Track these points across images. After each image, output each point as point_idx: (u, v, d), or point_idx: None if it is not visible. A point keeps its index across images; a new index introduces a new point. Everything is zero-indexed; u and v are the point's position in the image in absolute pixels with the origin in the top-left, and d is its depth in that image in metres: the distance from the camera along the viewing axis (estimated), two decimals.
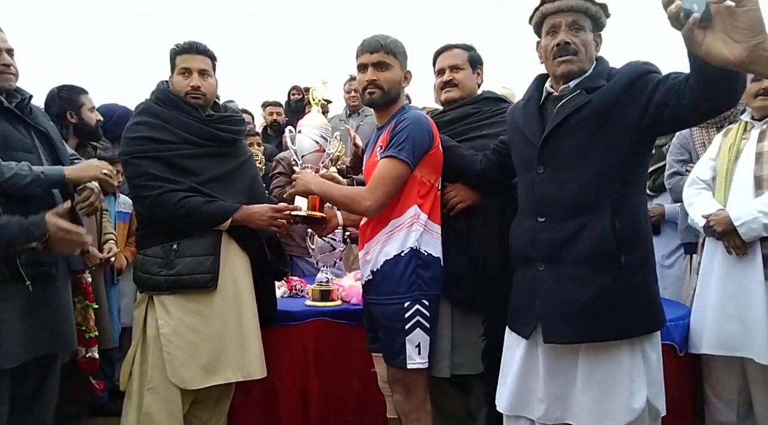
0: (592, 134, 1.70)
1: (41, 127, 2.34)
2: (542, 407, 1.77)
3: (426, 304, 2.03)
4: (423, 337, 2.02)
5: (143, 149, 2.21)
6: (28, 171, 2.11)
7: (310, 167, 2.26)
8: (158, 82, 2.37)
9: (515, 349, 1.87)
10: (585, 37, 1.75)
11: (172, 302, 2.20)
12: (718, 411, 2.54)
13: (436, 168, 2.11)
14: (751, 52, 0.95)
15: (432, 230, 2.08)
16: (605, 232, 1.68)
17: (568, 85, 1.77)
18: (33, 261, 2.13)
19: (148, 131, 2.22)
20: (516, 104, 2.01)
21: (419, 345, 2.01)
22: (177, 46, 2.32)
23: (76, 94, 2.86)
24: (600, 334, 1.69)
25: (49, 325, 2.21)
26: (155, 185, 2.17)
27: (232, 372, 2.24)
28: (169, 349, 2.18)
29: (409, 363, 2.01)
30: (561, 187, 1.74)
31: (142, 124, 2.25)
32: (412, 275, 2.03)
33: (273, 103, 5.68)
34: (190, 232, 2.20)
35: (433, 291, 2.06)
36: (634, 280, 1.70)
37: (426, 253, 2.05)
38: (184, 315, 2.20)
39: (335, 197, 2.08)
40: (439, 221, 2.12)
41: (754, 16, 0.94)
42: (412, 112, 2.11)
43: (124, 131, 2.30)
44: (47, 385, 2.36)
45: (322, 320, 2.57)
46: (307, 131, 2.26)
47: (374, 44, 2.10)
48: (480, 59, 2.41)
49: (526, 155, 1.84)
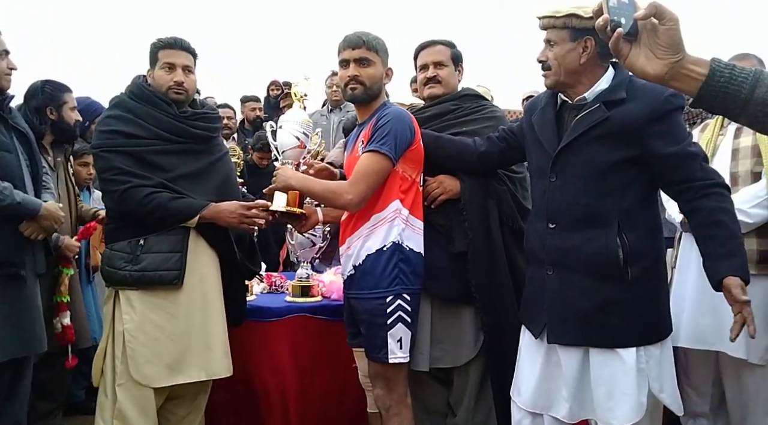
0: (606, 150, 1.72)
1: (20, 127, 2.33)
2: (567, 405, 1.81)
3: (408, 299, 2.04)
4: (404, 332, 2.04)
5: (113, 143, 2.19)
6: (7, 196, 2.13)
7: (290, 163, 2.24)
8: (134, 77, 2.35)
9: (535, 347, 1.90)
10: (558, 50, 1.77)
11: (137, 298, 2.18)
12: (693, 402, 2.58)
13: (417, 163, 2.12)
14: (670, 68, 1.00)
15: (414, 225, 2.10)
16: (612, 246, 1.71)
17: (585, 97, 1.79)
18: (3, 262, 2.10)
19: (118, 125, 2.20)
20: (534, 102, 2.00)
21: (401, 340, 2.03)
22: (161, 41, 2.29)
23: (59, 91, 2.79)
24: (600, 342, 1.75)
25: (20, 327, 2.20)
26: (123, 179, 2.15)
27: (196, 371, 2.23)
28: (132, 345, 2.16)
29: (391, 358, 2.03)
30: (572, 198, 1.78)
31: (114, 118, 2.23)
32: (395, 270, 2.04)
33: (252, 98, 5.63)
34: (158, 228, 2.18)
35: (414, 286, 2.08)
36: (640, 293, 1.73)
37: (408, 248, 2.06)
38: (149, 311, 2.19)
39: (317, 191, 2.08)
40: (421, 217, 2.13)
41: (673, 35, 0.99)
42: (393, 107, 2.12)
43: (96, 124, 2.29)
44: (20, 385, 2.36)
45: (302, 316, 2.56)
46: (289, 127, 2.24)
47: (356, 40, 2.10)
48: (461, 56, 2.43)
49: (540, 162, 1.88)
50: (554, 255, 1.82)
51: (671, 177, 1.72)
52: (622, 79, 1.76)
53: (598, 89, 1.77)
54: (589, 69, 1.78)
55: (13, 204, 2.15)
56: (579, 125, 1.76)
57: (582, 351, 1.79)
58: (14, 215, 2.20)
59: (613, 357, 1.74)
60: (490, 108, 2.39)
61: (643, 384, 1.73)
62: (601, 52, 1.75)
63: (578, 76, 1.78)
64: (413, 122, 2.09)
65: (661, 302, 1.81)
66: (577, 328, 1.77)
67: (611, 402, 1.73)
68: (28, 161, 2.36)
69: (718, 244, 1.64)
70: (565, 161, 1.79)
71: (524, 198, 2.26)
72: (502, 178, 2.25)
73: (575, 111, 1.81)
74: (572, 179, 1.78)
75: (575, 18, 1.74)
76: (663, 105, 1.68)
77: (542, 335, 1.86)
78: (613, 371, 1.73)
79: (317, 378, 2.58)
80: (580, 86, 1.80)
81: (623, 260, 1.70)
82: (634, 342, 1.73)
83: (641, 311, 1.74)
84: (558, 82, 1.81)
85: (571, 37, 1.76)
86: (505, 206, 2.21)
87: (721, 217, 1.65)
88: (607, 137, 1.72)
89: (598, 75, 1.79)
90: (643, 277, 1.73)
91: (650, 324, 1.76)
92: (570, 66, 1.77)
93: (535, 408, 1.90)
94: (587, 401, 1.80)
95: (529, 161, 2.01)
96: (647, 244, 1.76)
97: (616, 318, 1.73)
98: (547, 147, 1.84)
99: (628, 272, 1.71)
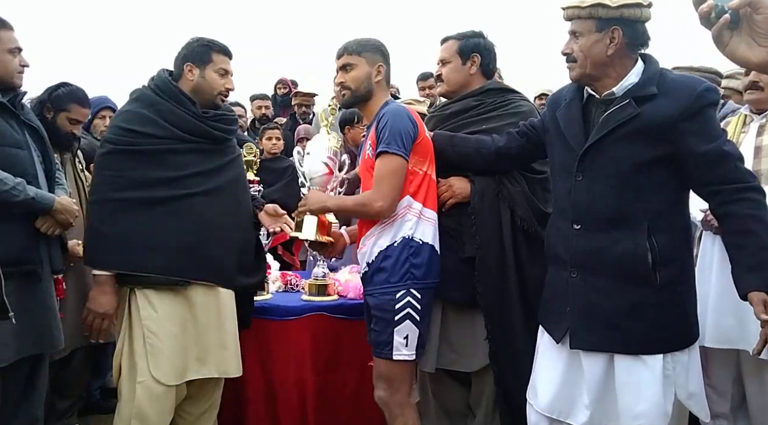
0: (637, 148, 1.66)
1: (33, 123, 2.32)
2: (587, 412, 1.76)
3: (418, 296, 2.03)
4: (412, 329, 2.02)
5: (127, 141, 2.15)
6: (20, 191, 2.11)
7: (318, 188, 2.29)
8: (159, 70, 2.30)
9: (555, 351, 1.84)
10: (584, 42, 1.71)
11: (156, 296, 2.16)
12: (713, 401, 2.55)
13: (425, 156, 2.10)
14: None
15: (428, 217, 2.09)
16: (640, 248, 1.66)
17: (613, 91, 1.72)
18: (19, 259, 2.09)
19: (136, 124, 2.16)
20: (558, 96, 1.92)
21: (407, 337, 2.02)
22: (215, 44, 2.28)
23: (68, 98, 2.68)
24: (626, 347, 1.69)
25: (37, 325, 2.19)
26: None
27: (211, 368, 2.23)
28: (152, 343, 2.14)
29: (395, 355, 2.02)
30: (599, 198, 1.72)
31: (134, 114, 2.19)
32: (405, 265, 2.03)
33: (261, 96, 5.58)
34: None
35: (426, 280, 2.06)
36: (668, 297, 1.68)
37: (420, 241, 2.06)
38: (169, 310, 2.17)
39: (349, 207, 2.19)
40: (435, 208, 2.12)
41: None
42: (391, 105, 2.11)
43: (115, 115, 2.28)
44: (37, 382, 2.36)
45: (320, 315, 2.55)
46: (317, 155, 2.30)
47: (339, 50, 2.18)
48: (474, 46, 2.30)
49: (565, 159, 1.81)
50: (578, 257, 1.75)
51: (703, 178, 1.65)
52: (653, 73, 1.69)
53: (627, 83, 1.70)
54: (617, 61, 1.70)
55: (27, 199, 2.13)
56: (607, 122, 1.69)
57: (606, 356, 1.73)
58: (29, 211, 2.18)
59: (639, 363, 1.68)
60: (517, 102, 2.30)
61: (669, 391, 1.68)
62: (630, 43, 1.69)
63: (605, 69, 1.71)
64: (413, 115, 2.09)
65: (690, 306, 1.75)
66: (601, 333, 1.70)
67: (636, 410, 1.67)
68: (41, 158, 2.34)
69: (747, 254, 1.58)
70: (592, 159, 1.72)
71: (544, 200, 2.19)
72: (517, 179, 2.18)
73: (603, 106, 1.74)
74: (599, 178, 1.71)
75: (602, 7, 1.66)
76: (697, 101, 1.61)
77: (564, 339, 1.80)
78: (639, 378, 1.68)
79: (334, 376, 2.57)
80: (608, 80, 1.72)
81: (652, 263, 1.65)
82: (662, 349, 1.68)
83: (669, 316, 1.68)
84: (584, 76, 1.74)
85: (597, 27, 1.69)
86: (519, 209, 2.14)
87: (753, 226, 1.58)
88: (637, 134, 1.65)
89: (626, 68, 1.71)
90: (672, 281, 1.68)
91: (678, 329, 1.70)
92: (596, 58, 1.70)
93: (552, 413, 1.83)
94: (610, 408, 1.74)
95: (552, 158, 1.93)
96: (677, 247, 1.70)
97: (643, 324, 1.67)
98: (573, 144, 1.77)
99: (657, 275, 1.65)
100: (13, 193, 2.09)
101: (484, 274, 2.11)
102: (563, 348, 1.82)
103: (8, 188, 2.08)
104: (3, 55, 2.19)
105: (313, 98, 5.27)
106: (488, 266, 2.11)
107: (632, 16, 1.67)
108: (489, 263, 2.11)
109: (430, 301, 2.08)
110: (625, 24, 1.67)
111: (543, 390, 1.86)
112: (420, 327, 2.04)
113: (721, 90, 2.97)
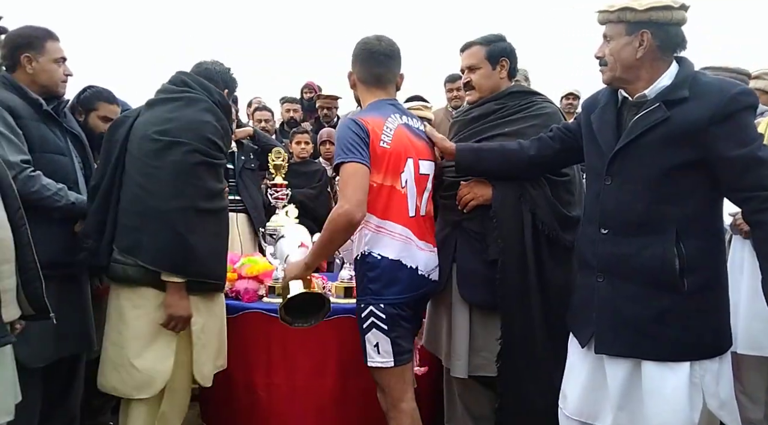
0: (667, 153, 1.64)
1: (75, 130, 2.42)
2: (611, 416, 1.75)
3: (381, 307, 1.99)
4: (381, 337, 2.00)
5: (213, 154, 2.17)
6: (62, 197, 2.21)
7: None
8: (214, 87, 2.29)
9: (582, 354, 1.84)
10: (614, 45, 1.72)
11: (200, 300, 2.21)
12: (746, 409, 2.52)
13: (380, 167, 1.97)
14: None
15: (389, 230, 2.00)
16: (669, 255, 1.64)
17: (645, 94, 1.71)
18: (59, 263, 2.17)
19: (218, 138, 2.19)
20: (594, 100, 1.91)
21: (377, 345, 2.00)
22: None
23: (95, 97, 2.80)
24: (653, 354, 1.67)
25: (75, 326, 2.28)
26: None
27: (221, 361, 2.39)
28: (198, 347, 2.20)
29: (369, 362, 2.03)
30: (627, 203, 1.70)
31: (215, 127, 2.19)
32: (363, 280, 2.04)
33: (290, 99, 5.63)
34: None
35: (386, 297, 1.99)
36: (697, 304, 1.64)
37: (378, 256, 1.99)
38: (210, 313, 2.25)
39: (323, 239, 1.94)
40: (398, 221, 2.00)
41: None
42: (342, 120, 2.14)
43: (198, 125, 2.16)
44: (75, 381, 2.45)
45: (345, 317, 2.56)
46: (293, 241, 2.23)
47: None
48: (502, 51, 2.29)
49: (596, 163, 1.81)
50: (605, 262, 1.74)
51: (735, 183, 1.61)
52: (686, 76, 1.67)
53: (659, 86, 1.69)
54: (648, 63, 1.70)
55: (68, 205, 2.23)
56: (637, 126, 1.68)
57: (631, 362, 1.71)
58: (69, 216, 2.27)
59: (666, 370, 1.66)
60: (539, 104, 2.28)
61: (697, 399, 1.65)
62: (662, 46, 1.68)
63: (636, 71, 1.71)
64: (365, 124, 1.96)
65: (722, 314, 1.72)
66: (627, 339, 1.69)
67: (662, 418, 1.65)
68: (81, 164, 2.44)
69: None
70: (621, 163, 1.71)
71: (568, 204, 2.18)
72: (540, 182, 2.16)
73: (634, 109, 1.73)
74: (629, 183, 1.70)
75: (630, 11, 1.67)
76: (729, 104, 1.58)
77: (590, 344, 1.79)
78: (664, 384, 1.65)
79: (357, 379, 2.55)
80: (640, 82, 1.72)
81: (679, 270, 1.62)
82: (689, 356, 1.65)
83: (698, 323, 1.64)
84: (614, 78, 1.75)
85: (626, 31, 1.69)
86: (541, 213, 2.12)
87: None
88: (667, 138, 1.63)
89: (658, 70, 1.70)
90: (702, 287, 1.64)
91: (707, 337, 1.67)
92: (626, 61, 1.70)
93: (580, 416, 1.83)
94: (637, 413, 1.72)
95: (586, 160, 1.93)
96: (709, 253, 1.67)
97: (670, 330, 1.65)
98: (604, 147, 1.76)
99: (685, 282, 1.63)
100: (55, 198, 2.19)
101: (505, 277, 2.11)
102: (589, 352, 1.81)
103: (51, 194, 2.17)
104: (49, 64, 2.31)
105: (336, 101, 5.32)
106: (509, 269, 2.11)
107: (662, 19, 1.66)
108: (510, 267, 2.11)
109: (401, 312, 2.02)
110: (654, 27, 1.67)
111: (571, 393, 1.86)
112: (390, 335, 1.99)
113: None
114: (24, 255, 1.72)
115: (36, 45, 2.28)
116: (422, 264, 2.05)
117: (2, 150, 2.06)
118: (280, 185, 2.93)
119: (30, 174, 2.13)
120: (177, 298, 2.10)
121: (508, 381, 2.14)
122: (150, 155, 2.09)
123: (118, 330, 2.14)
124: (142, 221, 2.07)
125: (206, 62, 2.37)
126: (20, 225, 1.72)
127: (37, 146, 2.22)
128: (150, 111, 2.21)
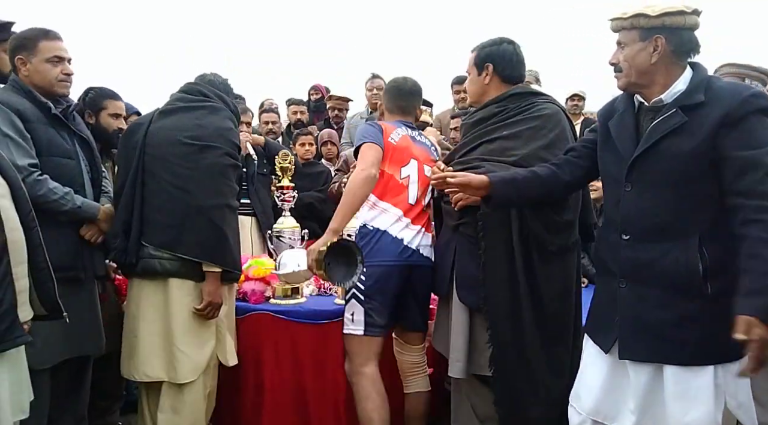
0: (686, 158, 1.64)
1: (83, 134, 2.42)
2: (633, 418, 1.75)
3: (363, 278, 2.26)
4: (356, 307, 2.34)
5: (239, 157, 2.48)
6: (68, 200, 2.24)
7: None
8: (232, 97, 2.57)
9: (600, 359, 1.84)
10: (628, 52, 1.72)
11: (225, 289, 2.42)
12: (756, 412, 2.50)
13: (385, 157, 2.37)
14: None
15: (383, 208, 2.37)
16: (692, 260, 1.63)
17: (661, 98, 1.71)
18: (65, 265, 2.19)
19: (239, 142, 2.48)
20: (611, 107, 1.89)
21: (353, 314, 2.35)
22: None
23: (100, 97, 2.82)
24: (676, 359, 1.67)
25: (81, 328, 2.29)
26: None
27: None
28: (223, 330, 2.44)
29: (345, 329, 2.39)
30: (648, 209, 1.70)
31: (236, 133, 2.47)
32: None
33: (297, 101, 5.61)
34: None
35: (369, 260, 2.25)
36: (720, 308, 1.61)
37: (371, 227, 2.36)
38: (231, 300, 2.52)
39: (344, 207, 2.26)
40: (393, 203, 2.37)
41: None
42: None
43: (226, 131, 2.41)
44: (83, 383, 2.47)
45: None
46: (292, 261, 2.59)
47: None
48: (486, 56, 2.30)
49: (615, 169, 1.80)
50: (627, 268, 1.74)
51: (732, 186, 1.59)
52: (701, 80, 1.68)
53: (675, 91, 1.69)
54: (662, 69, 1.70)
55: (74, 208, 2.26)
56: (655, 132, 1.68)
57: (653, 366, 1.71)
58: (75, 219, 2.30)
59: (689, 373, 1.65)
60: (539, 105, 2.26)
61: (720, 400, 1.65)
62: (676, 51, 1.68)
63: (651, 77, 1.71)
64: (378, 124, 2.46)
65: None
66: (650, 344, 1.69)
67: (686, 419, 1.65)
68: (88, 167, 2.44)
69: (751, 279, 1.53)
70: (641, 169, 1.71)
71: (560, 207, 2.17)
72: None
73: (651, 114, 1.73)
74: (649, 189, 1.70)
75: (643, 17, 1.67)
76: (740, 107, 1.58)
77: (612, 349, 1.79)
78: (689, 387, 1.65)
79: None
80: (655, 87, 1.72)
81: (703, 274, 1.62)
82: (713, 360, 1.64)
83: (722, 327, 1.60)
84: (629, 84, 1.75)
85: (640, 37, 1.69)
86: (528, 217, 2.12)
87: (762, 250, 1.52)
88: (685, 143, 1.63)
89: (673, 75, 1.70)
90: (726, 291, 1.61)
91: (731, 340, 1.61)
92: (641, 67, 1.70)
93: (597, 416, 1.83)
94: (658, 415, 1.72)
95: (602, 169, 1.91)
96: (732, 256, 1.63)
97: (693, 334, 1.64)
98: (623, 153, 1.75)
99: (708, 286, 1.62)
100: (62, 202, 2.21)
101: (489, 278, 2.13)
102: (609, 355, 1.81)
103: (57, 197, 2.19)
104: (41, 65, 2.27)
105: (347, 103, 5.32)
106: (493, 271, 2.13)
107: (675, 24, 1.66)
108: (494, 269, 2.13)
109: (383, 285, 2.31)
110: (668, 32, 1.67)
111: (587, 394, 1.86)
112: (365, 305, 2.31)
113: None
114: (36, 256, 1.75)
115: (28, 46, 2.26)
116: (408, 238, 2.35)
117: (10, 154, 2.06)
118: (287, 188, 2.94)
119: (37, 178, 2.15)
120: (215, 287, 2.32)
121: (500, 382, 2.17)
122: (184, 157, 2.29)
123: (157, 322, 2.33)
124: (182, 217, 2.26)
125: (208, 74, 2.53)
126: (32, 227, 1.76)
127: (45, 150, 2.24)
128: (170, 118, 2.38)
